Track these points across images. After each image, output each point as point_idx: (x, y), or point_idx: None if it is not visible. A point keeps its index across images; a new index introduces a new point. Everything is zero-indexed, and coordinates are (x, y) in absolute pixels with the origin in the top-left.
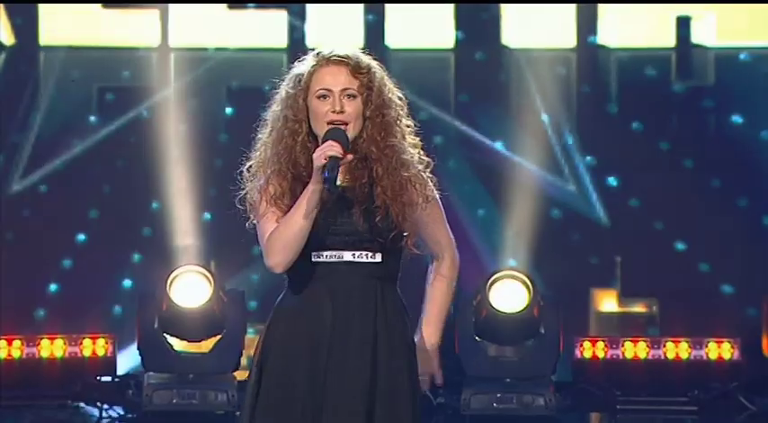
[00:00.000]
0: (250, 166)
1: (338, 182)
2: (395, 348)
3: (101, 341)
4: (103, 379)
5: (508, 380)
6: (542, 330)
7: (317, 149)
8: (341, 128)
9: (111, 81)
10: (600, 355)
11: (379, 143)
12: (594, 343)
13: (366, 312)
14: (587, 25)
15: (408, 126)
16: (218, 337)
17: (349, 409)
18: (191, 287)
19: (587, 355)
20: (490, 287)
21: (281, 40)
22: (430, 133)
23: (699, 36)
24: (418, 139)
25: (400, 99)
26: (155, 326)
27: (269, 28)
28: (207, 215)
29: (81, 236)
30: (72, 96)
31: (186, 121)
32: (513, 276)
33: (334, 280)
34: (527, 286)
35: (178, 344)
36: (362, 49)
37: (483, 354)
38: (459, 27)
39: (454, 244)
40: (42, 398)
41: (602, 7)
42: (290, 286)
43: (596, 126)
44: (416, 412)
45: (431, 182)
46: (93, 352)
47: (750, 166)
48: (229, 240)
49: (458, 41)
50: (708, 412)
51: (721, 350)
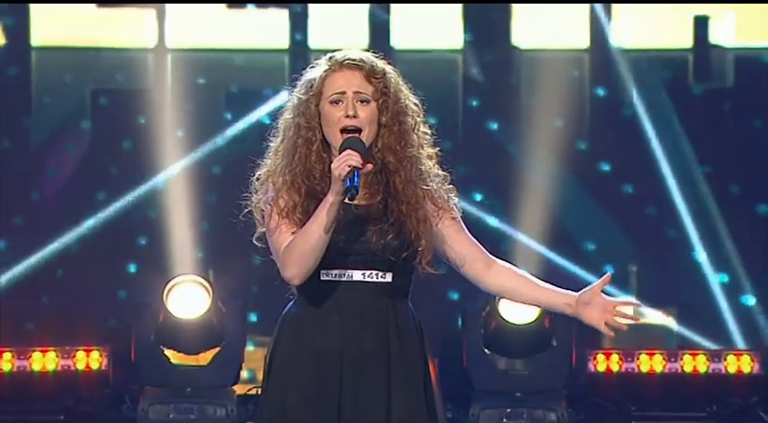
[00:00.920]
0: (260, 175)
1: (352, 203)
2: (409, 367)
3: (95, 354)
4: (98, 393)
5: (518, 394)
6: (554, 342)
7: (335, 160)
8: (357, 136)
9: (105, 84)
10: (614, 368)
11: (398, 153)
12: (608, 355)
13: (378, 329)
14: (601, 25)
15: (426, 134)
16: (217, 349)
17: None
18: (188, 298)
19: (601, 368)
20: (499, 298)
21: (282, 41)
22: (437, 139)
23: (717, 36)
24: (435, 150)
25: (416, 105)
26: (151, 338)
27: (269, 29)
28: (205, 224)
29: (74, 245)
30: (64, 100)
31: (183, 126)
32: None
33: (343, 299)
34: None
35: (175, 356)
36: (372, 52)
37: (492, 367)
38: (467, 27)
39: None
40: (34, 413)
41: (616, 7)
42: (298, 301)
43: (611, 130)
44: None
45: (450, 194)
46: (87, 365)
47: None
48: (228, 250)
49: (466, 42)
50: None
51: (741, 363)
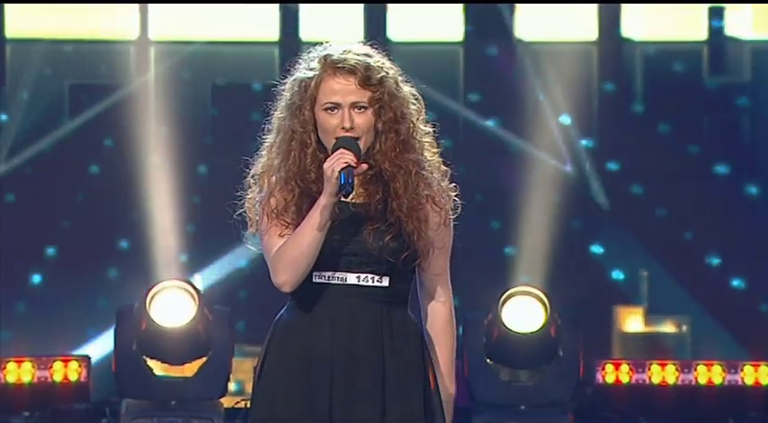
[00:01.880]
0: (255, 172)
1: (350, 198)
2: (407, 374)
3: (73, 364)
4: (76, 406)
5: (523, 407)
6: (560, 352)
7: (327, 160)
8: (350, 136)
9: (84, 78)
10: (624, 379)
11: (394, 159)
12: (618, 366)
13: (370, 335)
14: (610, 16)
15: (427, 134)
16: (203, 359)
17: None
18: (173, 305)
19: (610, 379)
20: (502, 305)
21: (272, 32)
22: (437, 136)
23: (733, 28)
24: (437, 150)
25: (416, 102)
26: (133, 347)
27: (259, 19)
28: (190, 226)
29: (51, 249)
30: (41, 96)
31: (167, 122)
32: (528, 293)
33: (336, 303)
34: (543, 304)
35: (159, 367)
36: (369, 44)
37: (495, 378)
38: (468, 18)
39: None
40: None
41: None
42: (290, 306)
43: (620, 128)
44: None
45: (451, 196)
46: (65, 376)
47: None
48: (215, 253)
49: (467, 34)
50: None
51: (759, 375)
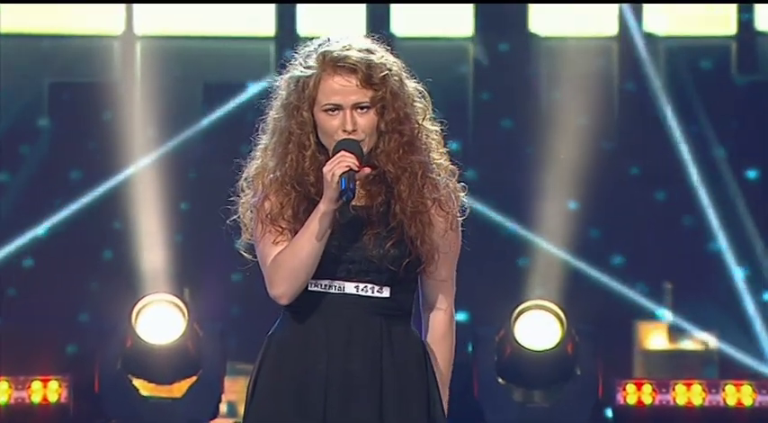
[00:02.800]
0: (248, 175)
1: (349, 203)
2: (407, 393)
3: (53, 385)
4: None
5: None
6: (578, 371)
7: (327, 163)
8: (352, 138)
9: (65, 76)
10: (646, 400)
11: (397, 161)
12: (640, 386)
13: (367, 348)
14: (631, 10)
15: (434, 133)
16: (193, 379)
17: None
18: (160, 320)
19: (631, 400)
20: (515, 320)
21: (268, 27)
22: (444, 138)
23: (764, 22)
24: (444, 150)
25: (422, 99)
26: (117, 366)
27: (254, 13)
28: (179, 236)
29: (27, 260)
30: (19, 94)
31: (155, 123)
32: (543, 307)
33: (333, 314)
34: (559, 318)
35: (145, 387)
36: (371, 38)
37: (507, 399)
38: (478, 12)
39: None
40: None
41: None
42: (284, 317)
43: (642, 130)
44: None
45: (459, 197)
46: (44, 397)
47: None
48: (205, 265)
49: (477, 28)
50: None
51: None
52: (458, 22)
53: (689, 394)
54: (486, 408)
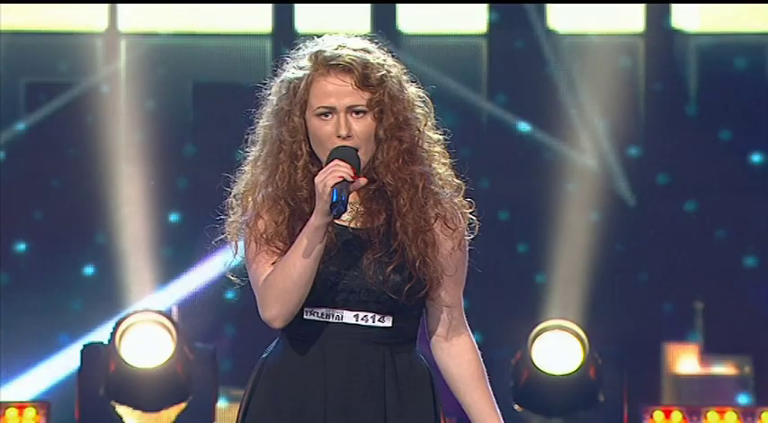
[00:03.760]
0: (237, 190)
1: (350, 220)
2: (414, 419)
3: (29, 412)
4: None
5: None
6: (601, 397)
7: (319, 173)
8: (348, 145)
9: (43, 75)
10: None
11: (396, 172)
12: (669, 413)
13: (370, 382)
14: (659, 4)
15: (437, 142)
16: (183, 406)
17: None
18: (146, 341)
19: None
20: (533, 342)
21: (264, 22)
22: (456, 143)
23: None
24: (448, 161)
25: (423, 105)
26: (100, 392)
27: (248, 8)
28: (167, 250)
29: (2, 275)
30: None
31: (140, 127)
32: (563, 328)
33: (332, 345)
34: (580, 340)
35: (130, 415)
36: (371, 38)
37: None
38: (492, 6)
39: None
40: None
41: None
42: (279, 344)
43: (671, 134)
44: None
45: (467, 215)
46: None
47: None
48: (195, 282)
49: (492, 25)
50: None
51: None
52: (470, 16)
53: (722, 422)
54: None
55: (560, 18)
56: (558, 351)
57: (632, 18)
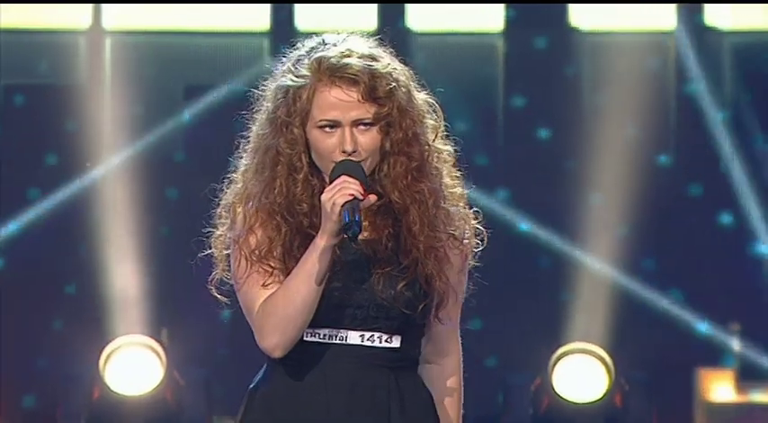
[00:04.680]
0: (226, 202)
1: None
2: None
3: None
4: None
5: None
6: None
7: (326, 190)
8: (353, 160)
9: (20, 76)
10: None
11: (405, 189)
12: None
13: (374, 409)
14: (691, 4)
15: (447, 152)
16: None
17: None
18: (133, 367)
19: None
20: (554, 367)
21: (261, 20)
22: (469, 151)
23: None
24: (458, 173)
25: (433, 115)
26: (82, 421)
27: (245, 4)
28: (156, 265)
29: None
30: None
31: (126, 133)
32: (587, 351)
33: (332, 369)
34: (605, 365)
35: None
36: (377, 38)
37: None
38: (510, 2)
39: None
40: None
41: None
42: (271, 368)
43: (702, 141)
44: None
45: (473, 230)
46: None
47: None
48: (186, 301)
49: (509, 22)
50: None
51: None
52: (484, 13)
53: None
54: None
55: (583, 15)
56: (582, 377)
57: (661, 15)
